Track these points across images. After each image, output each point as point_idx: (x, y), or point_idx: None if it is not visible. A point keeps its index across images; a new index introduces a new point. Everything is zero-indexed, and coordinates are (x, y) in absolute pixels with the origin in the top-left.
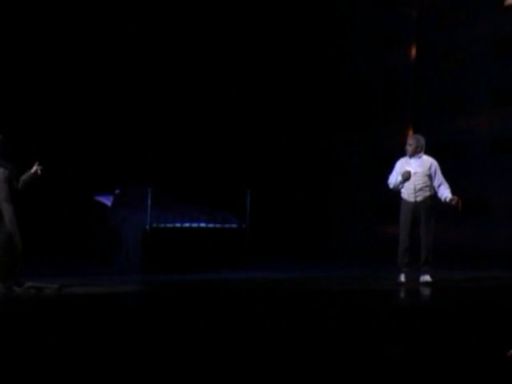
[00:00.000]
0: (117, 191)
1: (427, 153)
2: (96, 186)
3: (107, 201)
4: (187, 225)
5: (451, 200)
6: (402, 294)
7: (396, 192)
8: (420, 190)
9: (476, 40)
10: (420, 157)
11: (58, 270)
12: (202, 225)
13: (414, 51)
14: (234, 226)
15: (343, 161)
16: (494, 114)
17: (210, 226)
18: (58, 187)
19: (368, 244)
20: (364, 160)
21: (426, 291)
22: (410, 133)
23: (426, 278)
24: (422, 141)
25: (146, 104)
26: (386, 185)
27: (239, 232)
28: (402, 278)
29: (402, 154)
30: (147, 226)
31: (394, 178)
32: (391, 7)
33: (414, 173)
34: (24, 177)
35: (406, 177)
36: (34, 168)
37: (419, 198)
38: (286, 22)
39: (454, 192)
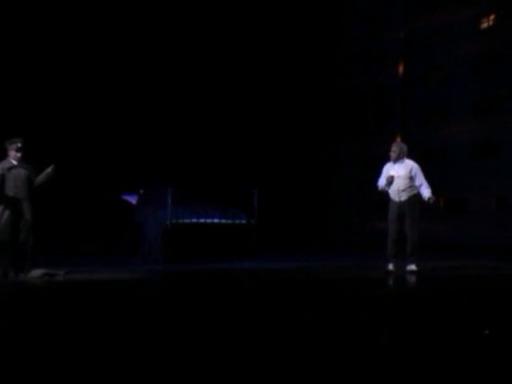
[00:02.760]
0: (141, 191)
1: (413, 157)
2: (123, 186)
3: (132, 199)
4: (202, 220)
5: (429, 199)
6: (390, 281)
7: (384, 192)
8: (403, 190)
9: (456, 58)
10: (403, 161)
11: (89, 259)
12: (216, 221)
13: (401, 67)
14: (243, 221)
15: (339, 164)
16: (472, 123)
17: (223, 221)
18: (90, 188)
19: (361, 237)
20: (358, 163)
21: (412, 278)
22: (398, 139)
23: (412, 267)
24: (404, 148)
25: (168, 114)
26: (376, 186)
27: (248, 227)
28: (390, 266)
29: (387, 159)
30: (168, 222)
31: (381, 182)
32: (382, 29)
33: (398, 176)
34: (40, 177)
35: (390, 181)
36: (50, 169)
37: (403, 198)
38: (291, 41)
39: (437, 191)
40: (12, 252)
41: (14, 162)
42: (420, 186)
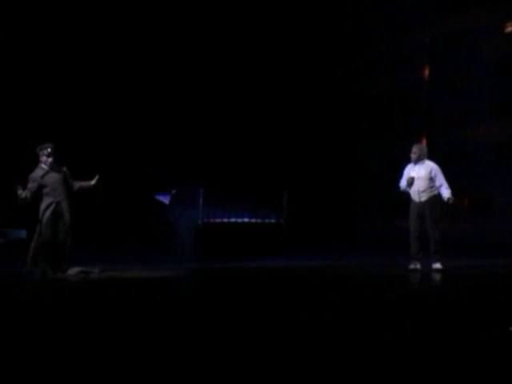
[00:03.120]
0: (173, 191)
1: (437, 158)
2: (156, 186)
3: (165, 199)
4: (233, 220)
5: (448, 199)
6: (415, 279)
7: (406, 193)
8: (423, 191)
9: (480, 61)
10: (423, 163)
11: (125, 257)
12: (246, 220)
13: (426, 71)
14: (273, 221)
15: (365, 164)
16: (494, 124)
17: (253, 221)
18: (125, 188)
19: (389, 235)
20: (384, 164)
21: (437, 276)
22: (423, 141)
23: (437, 265)
24: (425, 149)
25: (200, 114)
26: (398, 187)
27: (278, 226)
28: (414, 265)
29: (409, 160)
30: (199, 221)
31: (402, 183)
32: (407, 33)
33: (418, 177)
34: (83, 184)
35: (410, 182)
36: (94, 180)
37: (423, 199)
38: (319, 45)
39: (462, 191)
40: (51, 252)
41: (46, 168)
42: (440, 186)
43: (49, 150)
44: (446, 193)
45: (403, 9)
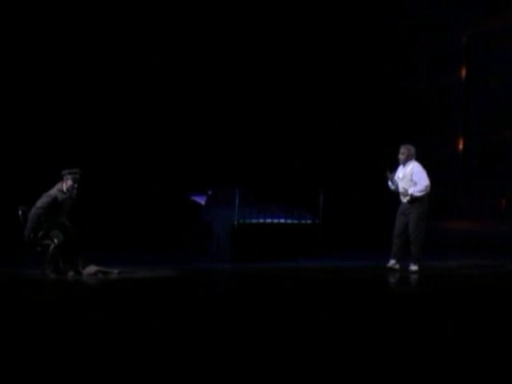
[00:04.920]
0: (209, 192)
1: (474, 158)
2: (192, 187)
3: (201, 200)
4: (269, 220)
5: (409, 194)
6: (391, 279)
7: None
8: (407, 192)
9: None
10: (409, 164)
11: (160, 257)
12: (282, 220)
13: (463, 71)
14: (308, 221)
15: None
16: None
17: (289, 221)
18: (161, 189)
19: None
20: (421, 164)
21: (412, 278)
22: (460, 143)
23: (413, 267)
24: (412, 150)
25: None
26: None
27: (313, 227)
28: (391, 263)
29: (453, 158)
30: (235, 222)
31: (389, 182)
32: (444, 33)
33: (403, 177)
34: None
35: (391, 177)
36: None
37: (407, 199)
38: (357, 47)
39: (498, 193)
40: (68, 252)
41: (67, 192)
42: (415, 184)
43: (77, 176)
44: (411, 189)
45: (441, 8)
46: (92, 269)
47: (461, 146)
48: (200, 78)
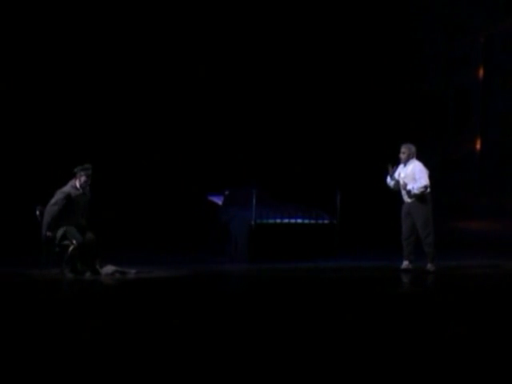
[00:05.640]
0: (226, 192)
1: (492, 159)
2: (209, 187)
3: (219, 200)
4: (286, 221)
5: (409, 190)
6: (405, 280)
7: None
8: (409, 192)
9: None
10: (411, 163)
11: (178, 257)
12: (299, 221)
13: (481, 72)
14: (326, 221)
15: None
16: None
17: (306, 221)
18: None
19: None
20: (439, 164)
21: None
22: (477, 144)
23: (429, 266)
24: (413, 148)
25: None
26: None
27: (331, 227)
28: (404, 265)
29: (470, 158)
30: (252, 222)
31: (388, 180)
32: (462, 34)
33: (405, 177)
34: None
35: (391, 174)
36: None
37: (410, 199)
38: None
39: None
40: (85, 252)
41: (80, 189)
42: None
43: (89, 171)
44: (410, 185)
45: (458, 8)
46: (109, 269)
47: (478, 147)
48: (219, 77)
